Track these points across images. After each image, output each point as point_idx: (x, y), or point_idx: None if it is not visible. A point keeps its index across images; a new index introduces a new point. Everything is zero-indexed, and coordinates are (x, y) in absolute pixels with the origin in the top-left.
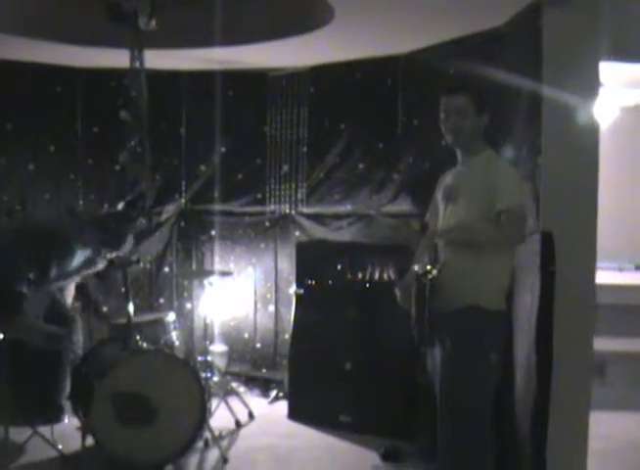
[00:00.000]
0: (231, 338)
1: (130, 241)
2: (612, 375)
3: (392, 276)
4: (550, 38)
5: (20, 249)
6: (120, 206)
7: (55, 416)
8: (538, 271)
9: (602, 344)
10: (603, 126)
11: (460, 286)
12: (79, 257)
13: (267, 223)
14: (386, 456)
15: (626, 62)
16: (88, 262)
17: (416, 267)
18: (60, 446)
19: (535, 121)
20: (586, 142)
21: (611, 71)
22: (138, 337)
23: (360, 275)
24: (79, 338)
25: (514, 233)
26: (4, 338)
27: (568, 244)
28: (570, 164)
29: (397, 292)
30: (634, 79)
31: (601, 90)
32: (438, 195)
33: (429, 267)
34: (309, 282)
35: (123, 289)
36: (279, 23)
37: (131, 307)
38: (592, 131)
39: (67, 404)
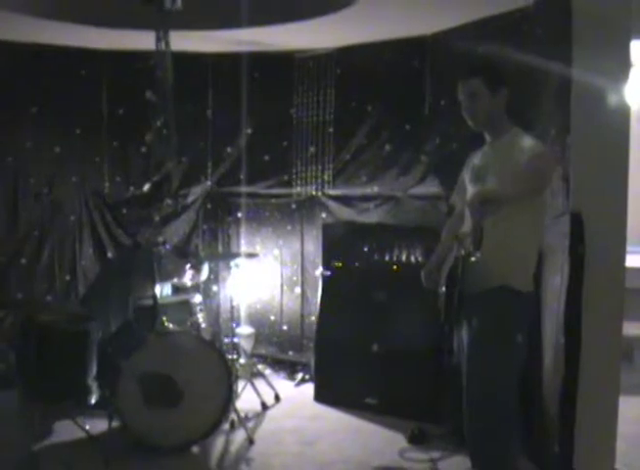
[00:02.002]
0: (257, 320)
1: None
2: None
3: (419, 258)
4: (580, 17)
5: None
6: (146, 187)
7: (82, 397)
8: (567, 253)
9: (630, 328)
10: (634, 107)
11: (490, 266)
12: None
13: (293, 205)
14: (412, 439)
15: None
16: None
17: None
18: (87, 427)
19: (565, 102)
20: (616, 123)
21: None
22: (164, 318)
23: (387, 257)
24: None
25: (537, 174)
26: (32, 320)
27: (597, 226)
28: (600, 146)
29: (422, 274)
30: None
31: (632, 70)
32: (466, 176)
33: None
34: (336, 264)
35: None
36: (305, 4)
37: (158, 289)
38: (623, 113)
39: (94, 385)
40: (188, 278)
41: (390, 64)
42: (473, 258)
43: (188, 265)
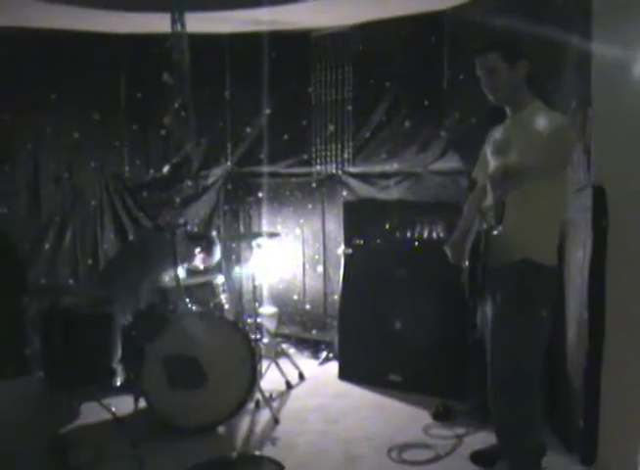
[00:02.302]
0: (280, 300)
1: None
2: None
3: (441, 234)
4: None
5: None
6: (166, 169)
7: (107, 379)
8: (590, 227)
9: None
10: None
11: (512, 240)
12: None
13: (314, 184)
14: (437, 415)
15: None
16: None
17: (464, 223)
18: (113, 409)
19: (585, 74)
20: (637, 96)
21: None
22: (188, 300)
23: (409, 234)
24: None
25: (559, 147)
26: (55, 305)
27: (620, 199)
28: (621, 118)
29: (447, 250)
30: None
31: None
32: (488, 150)
33: (485, 224)
34: (357, 242)
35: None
36: None
37: (180, 271)
38: None
39: (119, 368)
40: (199, 262)
41: (408, 40)
42: (495, 232)
43: (198, 249)
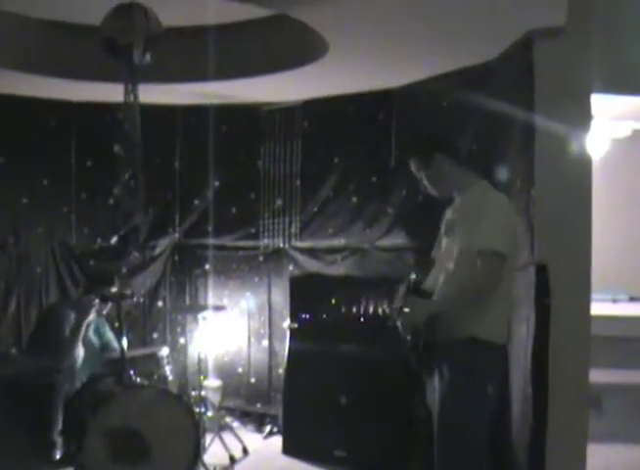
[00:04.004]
0: (225, 372)
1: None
2: (608, 407)
3: (387, 310)
4: (541, 71)
5: None
6: (114, 240)
7: (47, 452)
8: (533, 303)
9: (597, 376)
10: (595, 158)
11: (459, 316)
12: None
13: (261, 257)
14: None
15: (617, 94)
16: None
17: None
18: None
19: (529, 154)
20: (579, 174)
21: (602, 104)
22: (132, 371)
23: (355, 309)
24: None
25: (485, 277)
26: None
27: (562, 276)
28: (563, 196)
29: (399, 321)
30: (625, 112)
31: (592, 122)
32: (442, 228)
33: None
34: (303, 316)
35: (117, 323)
36: (273, 58)
37: (125, 342)
38: (584, 163)
39: (59, 440)
40: (120, 284)
41: (357, 116)
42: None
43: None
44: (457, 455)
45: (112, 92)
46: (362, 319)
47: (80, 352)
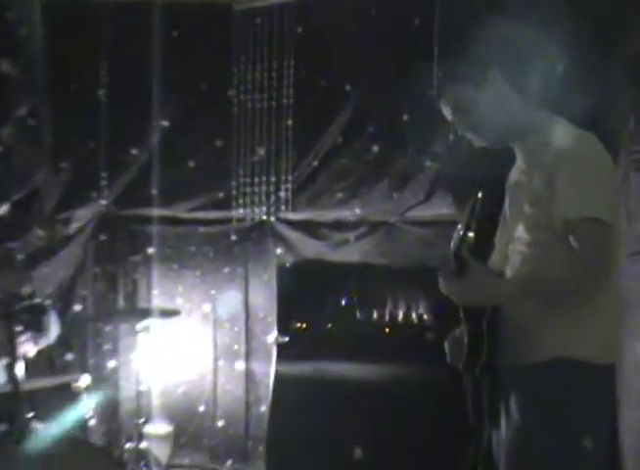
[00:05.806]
0: (178, 413)
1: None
2: None
3: (425, 315)
4: None
5: None
6: (2, 209)
7: None
8: None
9: None
10: None
11: (538, 329)
12: None
13: (234, 236)
14: None
15: None
16: None
17: None
18: None
19: None
20: None
21: None
22: (31, 414)
23: (377, 314)
24: None
25: (590, 259)
26: None
27: None
28: None
29: (447, 346)
30: None
31: None
32: (507, 199)
33: None
34: (297, 326)
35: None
36: None
37: (20, 368)
38: None
39: None
40: (28, 347)
41: (380, 21)
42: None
43: (19, 328)
44: None
45: None
46: (388, 329)
47: None
